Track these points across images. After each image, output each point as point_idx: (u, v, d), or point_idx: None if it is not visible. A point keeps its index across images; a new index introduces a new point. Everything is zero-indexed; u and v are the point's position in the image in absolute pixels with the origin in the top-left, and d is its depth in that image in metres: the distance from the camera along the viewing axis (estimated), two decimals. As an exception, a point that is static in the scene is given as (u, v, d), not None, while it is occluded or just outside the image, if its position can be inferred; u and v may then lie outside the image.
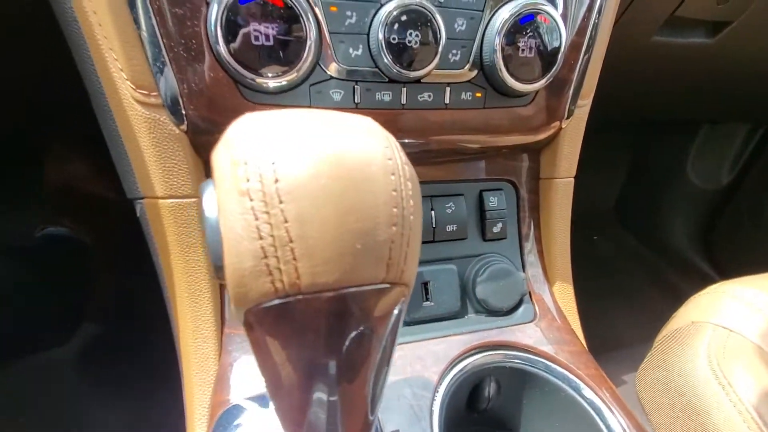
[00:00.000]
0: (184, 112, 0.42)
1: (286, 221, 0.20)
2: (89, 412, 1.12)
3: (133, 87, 0.41)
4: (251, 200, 0.20)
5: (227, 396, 0.44)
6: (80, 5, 0.39)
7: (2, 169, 1.28)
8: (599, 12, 0.51)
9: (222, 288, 0.48)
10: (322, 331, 0.22)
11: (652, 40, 0.85)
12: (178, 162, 0.44)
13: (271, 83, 0.40)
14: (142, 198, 0.48)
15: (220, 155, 0.22)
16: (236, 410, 0.43)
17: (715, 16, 0.83)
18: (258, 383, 0.46)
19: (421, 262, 0.55)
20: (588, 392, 0.48)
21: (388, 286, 0.23)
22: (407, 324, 0.53)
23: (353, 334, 0.24)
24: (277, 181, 0.20)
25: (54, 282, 1.17)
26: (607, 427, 0.46)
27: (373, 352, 0.25)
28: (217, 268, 0.22)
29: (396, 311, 0.25)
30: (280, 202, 0.20)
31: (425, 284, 0.54)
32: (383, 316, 0.24)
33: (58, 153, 1.29)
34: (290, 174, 0.20)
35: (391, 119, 0.46)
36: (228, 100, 0.41)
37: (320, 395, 0.26)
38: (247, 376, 0.46)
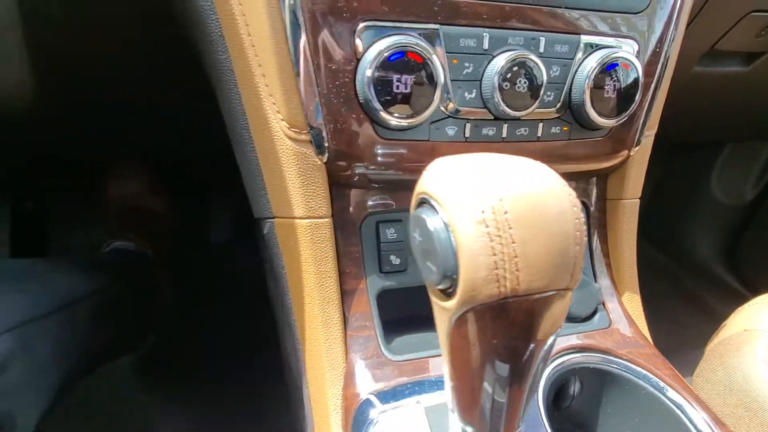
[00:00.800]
0: (327, 146, 0.49)
1: (513, 242, 0.27)
2: (156, 419, 1.18)
3: (288, 126, 0.49)
4: (487, 227, 0.27)
5: (357, 390, 0.51)
6: (245, 62, 0.47)
7: (72, 191, 1.38)
8: (667, 53, 0.59)
9: (344, 296, 0.55)
10: (525, 324, 0.29)
11: (692, 71, 0.93)
12: (317, 188, 0.51)
13: (404, 122, 0.48)
14: (272, 218, 0.56)
15: (447, 191, 0.29)
16: (368, 403, 0.50)
17: (751, 48, 0.90)
18: (378, 381, 0.52)
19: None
20: (670, 391, 0.54)
21: (567, 290, 0.30)
22: None
23: (539, 332, 0.30)
24: (505, 212, 0.27)
25: (121, 294, 1.24)
26: (691, 422, 0.51)
27: (541, 355, 0.32)
28: (446, 278, 0.29)
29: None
30: (509, 228, 0.27)
31: None
32: (560, 318, 0.31)
33: (123, 172, 1.38)
34: (515, 208, 0.27)
35: (492, 150, 0.54)
36: (364, 136, 0.49)
37: (496, 384, 0.33)
38: (369, 373, 0.52)
